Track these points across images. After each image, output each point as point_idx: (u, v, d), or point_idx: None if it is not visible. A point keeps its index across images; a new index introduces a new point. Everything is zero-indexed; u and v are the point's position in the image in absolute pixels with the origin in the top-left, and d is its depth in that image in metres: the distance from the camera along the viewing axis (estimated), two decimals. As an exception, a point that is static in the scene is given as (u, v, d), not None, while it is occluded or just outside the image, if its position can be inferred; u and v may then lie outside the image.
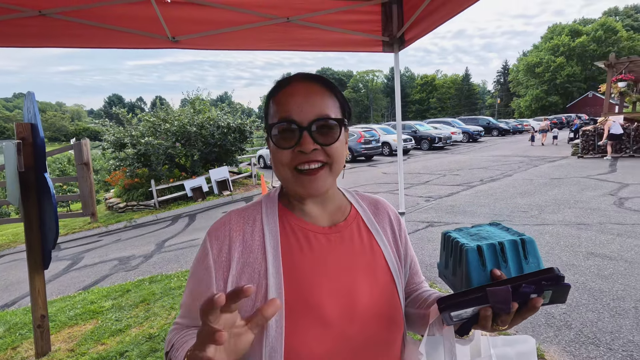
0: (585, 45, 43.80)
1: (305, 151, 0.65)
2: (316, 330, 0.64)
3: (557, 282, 0.54)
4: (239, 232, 0.71)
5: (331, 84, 0.72)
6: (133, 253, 6.37)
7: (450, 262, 0.70)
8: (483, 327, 0.61)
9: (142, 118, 11.51)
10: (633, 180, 7.79)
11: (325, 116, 0.67)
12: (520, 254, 0.64)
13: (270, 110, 0.71)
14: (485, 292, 0.56)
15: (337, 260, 0.71)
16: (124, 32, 2.17)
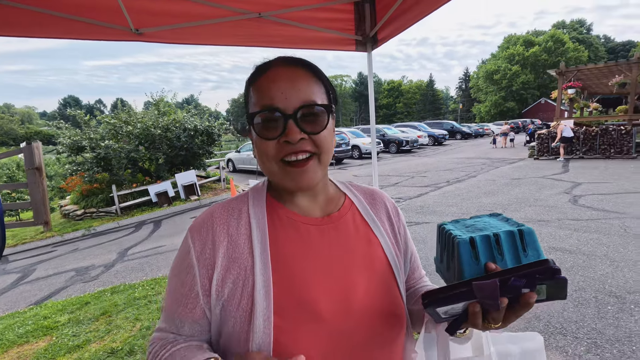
0: (537, 55, 46.91)
1: (292, 141, 0.60)
2: (309, 327, 0.59)
3: (551, 276, 0.49)
4: (223, 225, 0.65)
5: (315, 67, 0.66)
6: (92, 263, 5.96)
7: (444, 256, 0.66)
8: (473, 324, 0.56)
9: (102, 120, 10.89)
10: (584, 179, 8.37)
11: (312, 102, 0.61)
12: (519, 246, 0.61)
13: (250, 99, 0.66)
14: (471, 286, 0.52)
15: (330, 253, 0.66)
16: (82, 22, 2.00)
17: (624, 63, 13.59)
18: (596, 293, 3.11)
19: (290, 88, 0.61)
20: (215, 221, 0.65)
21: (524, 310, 0.54)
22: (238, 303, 0.60)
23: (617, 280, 3.32)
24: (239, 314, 0.59)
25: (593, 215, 5.41)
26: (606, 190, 7.01)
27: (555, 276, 0.50)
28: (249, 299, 0.59)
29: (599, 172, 9.23)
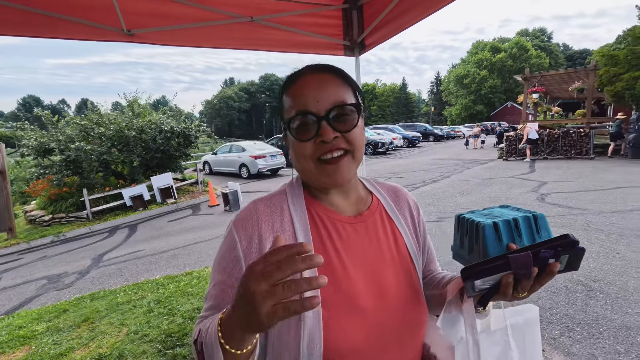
0: (504, 60, 49.18)
1: (327, 140, 0.65)
2: (353, 320, 0.65)
3: (573, 247, 0.57)
4: (268, 222, 0.70)
5: (342, 71, 0.72)
6: (65, 270, 5.71)
7: (465, 241, 0.75)
8: (504, 294, 0.62)
9: (71, 121, 10.42)
10: (549, 178, 8.90)
11: (342, 102, 0.66)
12: (533, 228, 0.69)
13: (285, 105, 0.71)
14: (507, 259, 0.58)
15: (364, 250, 0.72)
16: (72, 22, 1.98)
17: (581, 70, 14.57)
18: (566, 282, 3.37)
19: (321, 92, 0.66)
20: (260, 217, 0.70)
21: (548, 279, 0.61)
22: None
23: (584, 270, 3.61)
24: None
25: (559, 212, 5.79)
26: (569, 189, 7.50)
27: (576, 247, 0.58)
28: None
29: (562, 171, 9.85)
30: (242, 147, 14.66)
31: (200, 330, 0.62)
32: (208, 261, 5.13)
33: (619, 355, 2.33)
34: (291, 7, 2.47)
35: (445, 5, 1.92)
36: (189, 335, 2.83)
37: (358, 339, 0.64)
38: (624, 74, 11.35)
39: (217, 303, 0.68)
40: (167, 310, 3.37)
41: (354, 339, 0.64)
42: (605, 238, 4.47)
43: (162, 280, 4.35)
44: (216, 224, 7.49)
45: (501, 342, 0.73)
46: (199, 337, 0.61)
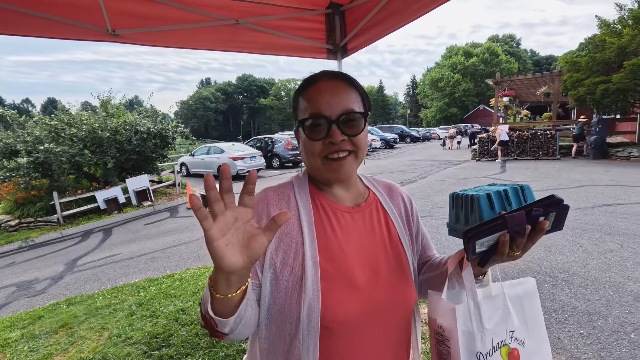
0: (476, 65, 50.94)
1: (335, 142, 0.74)
2: (349, 293, 0.73)
3: (559, 204, 0.65)
4: (276, 206, 0.79)
5: (353, 80, 0.81)
6: (36, 276, 5.48)
7: (461, 215, 0.83)
8: (501, 254, 0.69)
9: (40, 121, 9.96)
10: (519, 178, 9.36)
11: (351, 110, 0.75)
12: (521, 197, 0.78)
13: (300, 106, 0.79)
14: (504, 219, 0.65)
15: (360, 236, 0.81)
16: (55, 21, 1.96)
17: (547, 75, 15.37)
18: (534, 274, 3.60)
19: (334, 98, 0.75)
20: (269, 201, 0.79)
21: (539, 236, 0.67)
22: (290, 270, 0.73)
23: (550, 262, 3.86)
24: (291, 279, 0.72)
25: (528, 209, 6.12)
26: (537, 188, 7.92)
27: (561, 204, 0.65)
28: (300, 267, 0.73)
29: (531, 171, 10.37)
30: (220, 149, 14.50)
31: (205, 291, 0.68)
32: (189, 263, 5.08)
33: (582, 338, 2.53)
34: (276, 11, 2.53)
35: (423, 14, 2.04)
36: (175, 336, 2.83)
37: (352, 310, 0.73)
38: (586, 80, 12.07)
39: None
40: (150, 312, 3.33)
41: (349, 310, 0.72)
42: (570, 233, 4.78)
43: (143, 283, 4.28)
44: (196, 226, 7.38)
45: (501, 307, 0.78)
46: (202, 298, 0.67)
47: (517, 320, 0.79)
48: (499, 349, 0.78)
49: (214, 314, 0.60)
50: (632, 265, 3.64)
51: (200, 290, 3.76)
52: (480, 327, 0.73)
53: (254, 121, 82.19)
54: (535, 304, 0.83)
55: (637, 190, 6.89)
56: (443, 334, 0.79)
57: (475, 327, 0.73)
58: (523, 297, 0.81)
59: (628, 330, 2.58)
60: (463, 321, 0.74)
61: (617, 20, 12.43)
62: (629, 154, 11.16)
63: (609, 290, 3.19)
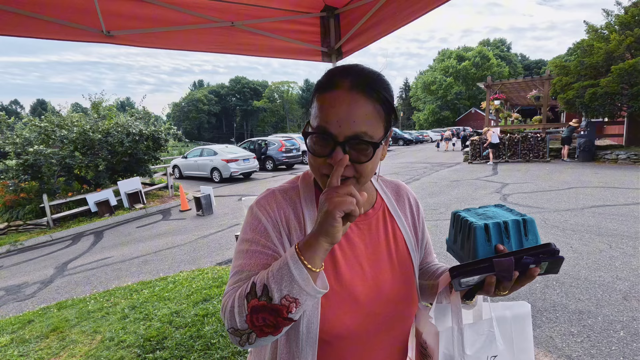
0: (468, 68, 51.54)
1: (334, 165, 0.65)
2: (348, 307, 0.73)
3: (553, 255, 0.64)
4: (284, 211, 0.77)
5: (381, 92, 0.68)
6: (25, 280, 5.39)
7: (459, 238, 0.82)
8: (487, 292, 0.69)
9: (29, 123, 9.82)
10: (510, 180, 9.48)
11: (362, 135, 0.65)
12: (522, 231, 0.75)
13: (313, 108, 0.70)
14: (491, 262, 0.65)
15: (365, 247, 0.79)
16: (50, 22, 1.94)
17: (537, 79, 15.63)
18: (526, 274, 3.64)
19: (347, 116, 0.64)
20: (279, 204, 0.77)
21: (528, 281, 0.67)
22: None
23: (541, 263, 3.91)
24: None
25: (520, 211, 6.19)
26: (528, 189, 8.04)
27: (556, 256, 0.64)
28: None
29: (522, 173, 10.51)
30: (213, 151, 14.43)
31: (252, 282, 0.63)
32: (183, 266, 5.04)
33: (573, 336, 2.57)
34: (271, 13, 2.55)
35: (416, 19, 2.07)
36: (170, 338, 2.81)
37: (351, 324, 0.72)
38: (574, 83, 12.30)
39: (249, 269, 0.70)
40: (143, 315, 3.30)
41: (348, 324, 0.72)
42: (560, 233, 4.86)
43: (135, 286, 4.24)
44: (189, 229, 7.34)
45: (485, 332, 0.79)
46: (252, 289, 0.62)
47: (502, 345, 0.80)
48: None
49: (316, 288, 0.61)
50: (621, 265, 3.71)
51: (195, 292, 3.73)
52: (462, 353, 0.77)
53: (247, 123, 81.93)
54: (526, 329, 0.83)
55: (625, 192, 7.03)
56: (427, 349, 0.83)
57: (457, 352, 0.77)
58: (513, 322, 0.81)
59: (617, 329, 2.63)
60: (445, 345, 0.77)
61: (604, 25, 12.71)
62: (617, 156, 11.39)
63: (599, 289, 3.25)
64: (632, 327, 2.63)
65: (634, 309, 2.87)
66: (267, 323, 0.61)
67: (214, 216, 8.23)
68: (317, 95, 0.70)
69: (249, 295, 0.62)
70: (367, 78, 0.68)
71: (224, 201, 9.75)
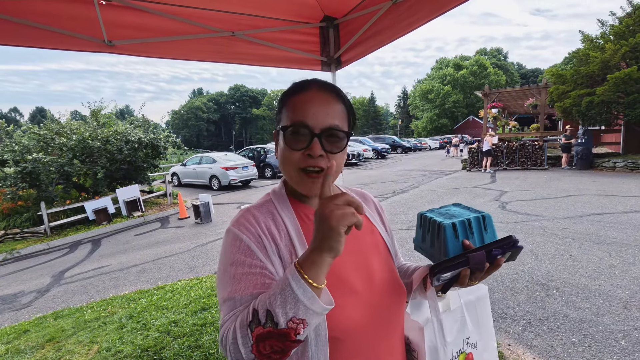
0: (465, 77, 52.04)
1: (313, 155, 0.71)
2: (350, 299, 0.74)
3: (515, 246, 0.74)
4: (264, 224, 0.75)
5: (344, 95, 0.78)
6: (21, 289, 5.34)
7: (427, 237, 0.89)
8: (461, 284, 0.78)
9: (28, 130, 9.83)
10: (509, 188, 9.50)
11: (336, 127, 0.73)
12: (482, 227, 0.84)
13: (285, 110, 0.76)
14: (467, 257, 0.74)
15: (350, 241, 0.80)
16: (52, 32, 1.96)
17: (534, 87, 15.77)
18: (527, 282, 3.63)
19: (322, 111, 0.72)
20: (258, 219, 0.75)
21: (495, 270, 0.76)
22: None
23: (542, 271, 3.91)
24: None
25: (518, 219, 6.21)
26: (527, 197, 8.05)
27: (517, 246, 0.74)
28: None
29: (520, 181, 10.54)
30: (212, 159, 14.44)
31: (253, 309, 0.60)
32: (181, 274, 5.00)
33: (574, 346, 2.55)
34: (271, 23, 2.58)
35: (414, 30, 2.10)
36: (167, 349, 2.77)
37: (356, 317, 0.73)
38: (571, 92, 12.41)
39: (241, 294, 0.67)
40: (141, 325, 3.26)
41: (353, 318, 0.73)
42: (559, 242, 4.85)
43: (133, 295, 4.20)
44: (187, 237, 7.30)
45: (459, 319, 0.92)
46: (254, 316, 0.59)
47: (471, 325, 0.96)
48: (457, 357, 0.94)
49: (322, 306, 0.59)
50: (621, 273, 3.71)
51: (193, 301, 3.70)
52: (443, 342, 0.87)
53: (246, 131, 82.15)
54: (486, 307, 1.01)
55: (623, 200, 7.05)
56: (410, 345, 0.91)
57: (439, 342, 0.86)
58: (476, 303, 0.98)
59: (618, 338, 2.62)
60: (429, 338, 0.86)
61: (599, 35, 12.88)
62: (614, 164, 11.44)
63: (599, 298, 3.24)
64: (634, 337, 2.61)
65: (635, 318, 2.85)
66: (275, 349, 0.59)
67: (212, 224, 8.20)
68: (288, 99, 0.76)
69: (252, 323, 0.59)
70: (330, 83, 0.78)
71: (222, 209, 9.72)
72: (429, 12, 1.94)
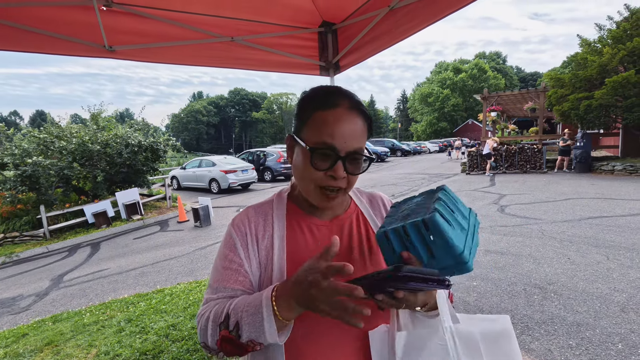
0: (465, 80, 52.25)
1: (337, 177, 0.74)
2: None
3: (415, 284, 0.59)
4: (254, 225, 0.83)
5: (366, 111, 0.79)
6: (20, 292, 5.34)
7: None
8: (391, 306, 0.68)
9: (28, 134, 9.86)
10: (508, 191, 9.51)
11: (361, 150, 0.76)
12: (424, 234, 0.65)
13: (311, 122, 0.75)
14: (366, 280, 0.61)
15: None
16: (53, 37, 1.99)
17: (533, 91, 15.82)
18: (524, 286, 3.64)
19: (349, 134, 0.73)
20: (250, 220, 0.84)
21: (397, 305, 0.66)
22: (263, 282, 0.79)
23: (540, 274, 3.92)
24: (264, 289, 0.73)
25: (517, 222, 6.22)
26: (525, 200, 8.06)
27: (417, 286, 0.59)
28: (269, 281, 0.77)
29: (519, 184, 10.56)
30: (212, 162, 14.46)
31: (227, 312, 0.69)
32: (180, 278, 5.00)
33: (572, 349, 2.56)
34: (270, 29, 2.60)
35: (413, 34, 2.13)
36: (166, 352, 2.78)
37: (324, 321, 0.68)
38: (570, 95, 12.47)
39: (222, 285, 0.78)
40: (140, 328, 3.27)
41: (320, 320, 0.68)
42: (557, 245, 4.86)
43: (132, 298, 4.20)
44: (186, 241, 7.30)
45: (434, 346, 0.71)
46: (226, 319, 0.68)
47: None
48: None
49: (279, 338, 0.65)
50: (618, 277, 3.72)
51: (192, 305, 3.70)
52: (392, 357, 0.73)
53: (246, 134, 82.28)
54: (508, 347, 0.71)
55: (621, 203, 7.06)
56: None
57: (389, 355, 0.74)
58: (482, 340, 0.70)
59: (615, 341, 2.62)
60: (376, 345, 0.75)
61: (597, 39, 12.95)
62: (613, 167, 11.47)
63: (597, 301, 3.25)
64: (631, 340, 2.62)
65: (632, 321, 2.86)
66: (234, 351, 0.69)
67: (211, 227, 8.21)
68: (315, 112, 0.76)
69: (222, 324, 0.69)
70: (358, 100, 0.79)
71: (222, 212, 9.73)
72: (426, 18, 1.96)
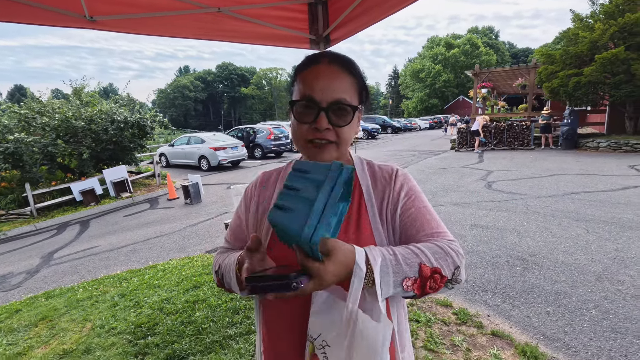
0: (457, 56, 51.62)
1: (320, 129, 0.75)
2: None
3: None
4: (260, 183, 0.96)
5: (356, 68, 0.80)
6: (10, 270, 5.32)
7: None
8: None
9: (8, 109, 9.52)
10: (495, 167, 9.68)
11: (343, 100, 0.75)
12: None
13: (295, 84, 0.80)
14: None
15: None
16: (29, 6, 1.89)
17: (524, 67, 15.79)
18: (508, 258, 3.79)
19: (329, 84, 0.75)
20: (258, 180, 0.96)
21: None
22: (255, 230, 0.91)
23: (522, 247, 4.07)
24: None
25: (503, 197, 6.38)
26: (512, 177, 8.23)
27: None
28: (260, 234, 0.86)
29: (507, 161, 10.73)
30: (201, 139, 14.25)
31: (220, 264, 0.89)
32: (172, 254, 5.05)
33: (549, 315, 2.71)
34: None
35: (406, 6, 2.08)
36: (160, 325, 2.85)
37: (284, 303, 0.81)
38: (559, 72, 12.49)
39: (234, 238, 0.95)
40: (134, 303, 3.32)
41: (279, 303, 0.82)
42: (540, 219, 5.03)
43: (125, 274, 4.24)
44: (177, 218, 7.31)
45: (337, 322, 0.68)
46: (219, 269, 0.88)
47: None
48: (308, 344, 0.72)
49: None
50: (596, 249, 3.89)
51: (185, 279, 3.76)
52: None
53: (235, 111, 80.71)
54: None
55: (604, 179, 7.27)
56: None
57: None
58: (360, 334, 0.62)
59: (589, 307, 2.78)
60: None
61: (589, 14, 12.86)
62: (598, 144, 11.71)
63: (574, 271, 3.41)
64: (604, 306, 2.78)
65: (606, 290, 3.03)
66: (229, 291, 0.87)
67: (202, 205, 8.20)
68: (299, 74, 0.80)
69: (217, 273, 0.89)
70: (342, 57, 0.80)
71: (212, 189, 9.70)
72: (417, -10, 1.92)
